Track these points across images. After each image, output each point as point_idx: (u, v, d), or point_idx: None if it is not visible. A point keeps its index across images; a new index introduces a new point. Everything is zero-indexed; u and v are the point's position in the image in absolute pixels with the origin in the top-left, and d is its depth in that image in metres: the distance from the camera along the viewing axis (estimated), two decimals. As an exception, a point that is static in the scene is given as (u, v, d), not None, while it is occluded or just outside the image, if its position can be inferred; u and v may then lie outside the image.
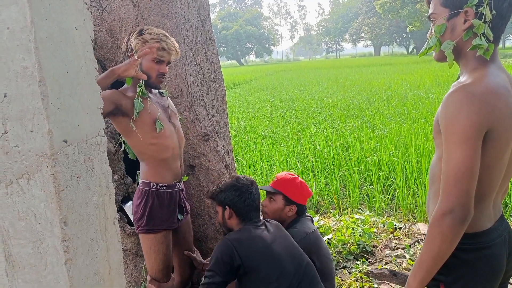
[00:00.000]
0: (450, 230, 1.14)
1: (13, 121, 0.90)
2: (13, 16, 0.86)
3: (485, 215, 1.28)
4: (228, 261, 1.90)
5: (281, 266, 1.92)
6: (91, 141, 1.05)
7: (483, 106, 1.12)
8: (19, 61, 0.87)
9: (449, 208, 1.14)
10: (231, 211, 2.07)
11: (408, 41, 63.51)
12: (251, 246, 1.95)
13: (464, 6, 1.22)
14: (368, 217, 4.06)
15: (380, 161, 5.33)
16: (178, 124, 2.25)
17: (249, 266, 1.91)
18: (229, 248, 1.92)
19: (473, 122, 1.11)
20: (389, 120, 7.89)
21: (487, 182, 1.23)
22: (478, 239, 1.26)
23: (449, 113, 1.16)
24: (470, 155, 1.12)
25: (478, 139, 1.13)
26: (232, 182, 2.11)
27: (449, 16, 1.25)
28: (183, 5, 2.65)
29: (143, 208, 2.08)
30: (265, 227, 2.08)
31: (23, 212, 0.93)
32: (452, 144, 1.14)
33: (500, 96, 1.15)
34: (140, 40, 1.95)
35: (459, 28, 1.24)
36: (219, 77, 3.05)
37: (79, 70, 1.01)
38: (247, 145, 6.97)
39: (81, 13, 1.03)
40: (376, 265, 3.23)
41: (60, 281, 0.96)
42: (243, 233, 2.02)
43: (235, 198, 2.06)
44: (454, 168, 1.14)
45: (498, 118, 1.14)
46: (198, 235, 2.77)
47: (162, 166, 2.10)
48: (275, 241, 2.01)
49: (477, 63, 1.24)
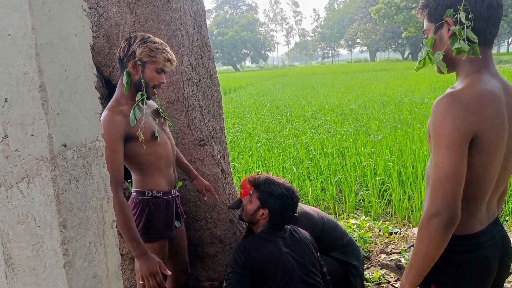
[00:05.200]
0: (436, 232, 1.18)
1: (14, 125, 0.92)
2: (14, 23, 0.88)
3: (477, 218, 1.30)
4: (246, 262, 1.97)
5: (289, 274, 2.00)
6: (90, 145, 1.06)
7: (469, 112, 1.16)
8: (20, 66, 0.89)
9: (436, 210, 1.18)
10: (268, 215, 2.12)
11: (403, 46, 63.92)
12: (266, 253, 2.02)
13: (444, 17, 1.29)
14: (364, 222, 4.07)
15: (376, 166, 5.36)
16: (169, 131, 2.25)
17: (262, 271, 1.97)
18: (247, 251, 2.00)
19: (458, 128, 1.15)
20: (385, 125, 7.93)
21: (478, 187, 1.26)
22: (469, 241, 1.29)
23: (436, 119, 1.21)
24: (455, 160, 1.16)
25: (464, 144, 1.17)
26: (285, 192, 2.13)
27: (435, 28, 1.33)
28: (179, 12, 2.68)
29: (139, 217, 2.05)
30: (286, 235, 2.14)
31: (22, 215, 0.95)
32: (439, 149, 1.19)
33: (488, 102, 1.19)
34: (146, 49, 1.92)
35: (445, 38, 1.31)
36: (215, 83, 3.07)
37: (79, 75, 1.03)
38: (243, 150, 6.99)
39: (80, 20, 1.05)
40: (372, 269, 3.24)
41: (59, 283, 0.97)
42: (261, 239, 2.10)
43: (279, 208, 2.10)
44: (441, 172, 1.18)
45: (485, 124, 1.17)
46: (195, 240, 2.77)
47: (156, 173, 2.08)
48: (290, 250, 2.07)
49: (469, 70, 1.28)
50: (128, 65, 1.95)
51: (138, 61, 1.93)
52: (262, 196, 2.13)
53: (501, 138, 1.22)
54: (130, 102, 2.00)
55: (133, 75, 1.97)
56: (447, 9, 1.27)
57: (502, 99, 1.23)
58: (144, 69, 1.96)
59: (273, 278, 1.98)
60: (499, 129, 1.20)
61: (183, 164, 2.43)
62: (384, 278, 3.09)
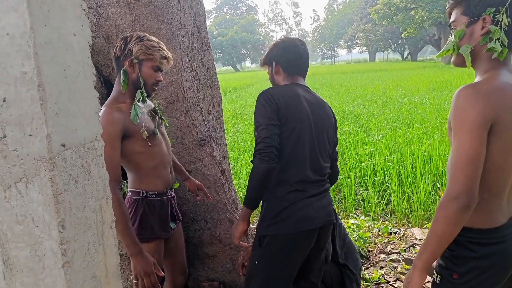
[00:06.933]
0: (454, 214, 1.23)
1: (12, 125, 0.91)
2: (13, 22, 0.87)
3: (499, 211, 1.35)
4: (273, 108, 1.87)
5: (307, 125, 1.94)
6: (89, 145, 1.06)
7: (488, 101, 1.22)
8: (19, 66, 0.89)
9: (455, 194, 1.23)
10: (278, 65, 2.08)
11: (402, 47, 63.92)
12: (290, 99, 1.93)
13: (482, 13, 1.34)
14: (363, 221, 4.07)
15: (375, 166, 5.36)
16: (165, 132, 2.25)
17: (285, 112, 1.89)
18: (272, 96, 1.90)
19: (478, 114, 1.21)
20: (384, 125, 7.93)
21: (498, 177, 1.31)
22: (492, 234, 1.34)
23: (456, 108, 1.27)
24: (474, 145, 1.22)
25: (483, 130, 1.22)
26: (282, 39, 2.13)
27: (469, 23, 1.38)
28: (179, 12, 2.68)
29: (133, 217, 2.05)
30: (308, 95, 2.06)
31: (21, 215, 0.94)
32: (458, 135, 1.25)
33: (505, 93, 1.26)
34: (142, 47, 1.93)
35: (477, 34, 1.36)
36: (215, 83, 3.07)
37: (78, 75, 1.02)
38: (243, 151, 6.99)
39: (79, 20, 1.05)
40: (372, 269, 3.24)
41: (58, 284, 0.97)
42: (283, 87, 2.01)
43: (280, 52, 2.07)
44: (460, 157, 1.23)
45: (504, 113, 1.24)
46: (194, 240, 2.77)
47: (152, 174, 2.08)
48: (313, 104, 2.01)
49: (489, 66, 1.35)
50: (125, 63, 1.95)
51: (135, 59, 1.94)
52: (266, 60, 2.13)
53: None
54: (129, 100, 2.00)
55: (130, 73, 1.97)
56: (488, 7, 1.32)
57: None
58: (141, 67, 1.96)
59: (292, 123, 1.90)
60: None
61: (175, 165, 2.42)
62: (383, 278, 3.09)
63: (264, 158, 1.78)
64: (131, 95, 2.00)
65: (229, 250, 2.82)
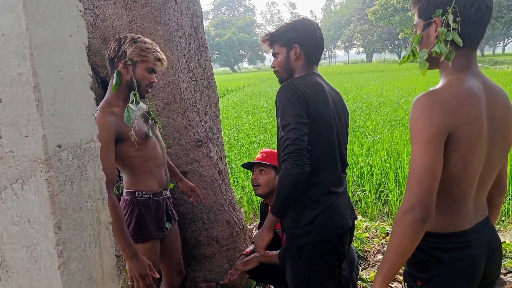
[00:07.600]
0: (410, 227, 1.18)
1: (8, 126, 0.91)
2: (8, 23, 0.87)
3: (462, 216, 1.30)
4: (302, 103, 1.69)
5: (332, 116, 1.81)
6: (85, 146, 1.06)
7: (445, 111, 1.18)
8: (14, 67, 0.89)
9: (410, 206, 1.18)
10: (301, 50, 1.85)
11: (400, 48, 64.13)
12: (317, 92, 1.77)
13: (433, 16, 1.28)
14: (361, 222, 4.08)
15: (373, 167, 5.37)
16: (159, 134, 2.25)
17: (314, 113, 1.73)
18: (299, 89, 1.71)
19: (434, 124, 1.17)
20: (381, 126, 7.95)
21: (459, 184, 1.26)
22: (455, 239, 1.29)
23: (412, 118, 1.23)
24: (430, 156, 1.17)
25: (439, 141, 1.18)
26: (301, 20, 1.88)
27: (424, 26, 1.33)
28: (176, 13, 2.68)
29: (129, 217, 2.06)
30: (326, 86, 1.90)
31: (17, 217, 0.94)
32: (414, 145, 1.21)
33: (466, 100, 1.21)
34: (136, 49, 1.93)
35: (432, 37, 1.31)
36: (212, 84, 3.07)
37: (73, 76, 1.02)
38: (240, 152, 6.98)
39: (75, 21, 1.05)
40: (369, 270, 3.24)
41: (54, 285, 0.96)
42: (306, 78, 1.82)
43: (307, 35, 1.84)
44: (416, 169, 1.19)
45: (462, 122, 1.19)
46: (191, 241, 2.77)
47: (147, 175, 2.08)
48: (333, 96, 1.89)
49: (452, 70, 1.29)
50: (119, 65, 1.95)
51: (128, 60, 1.94)
52: (283, 39, 1.88)
53: (478, 137, 1.23)
54: (122, 103, 1.99)
55: (124, 75, 1.97)
56: (436, 9, 1.27)
57: (482, 98, 1.25)
58: (135, 68, 1.96)
59: (321, 119, 1.75)
60: (476, 128, 1.22)
61: (169, 166, 2.42)
62: (381, 279, 3.09)
63: (297, 162, 1.62)
64: (125, 97, 2.00)
65: (226, 251, 2.82)
